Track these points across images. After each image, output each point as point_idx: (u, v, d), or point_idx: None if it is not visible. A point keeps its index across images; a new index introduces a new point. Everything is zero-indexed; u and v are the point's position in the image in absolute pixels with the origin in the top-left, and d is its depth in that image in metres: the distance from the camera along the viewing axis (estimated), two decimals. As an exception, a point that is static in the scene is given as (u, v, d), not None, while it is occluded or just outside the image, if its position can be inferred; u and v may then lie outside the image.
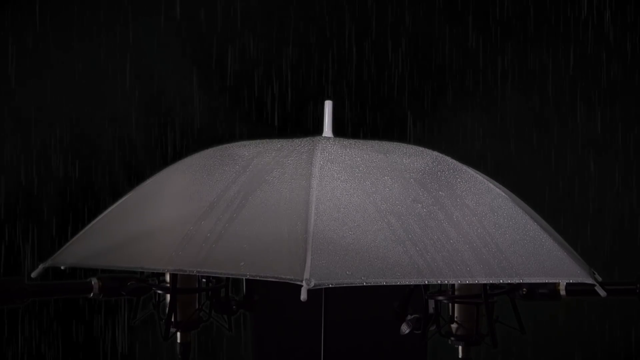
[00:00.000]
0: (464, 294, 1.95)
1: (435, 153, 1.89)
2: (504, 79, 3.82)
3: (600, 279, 1.88)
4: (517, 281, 1.80)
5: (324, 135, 1.95)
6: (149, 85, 3.82)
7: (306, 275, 1.50)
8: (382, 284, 1.57)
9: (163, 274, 2.04)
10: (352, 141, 1.89)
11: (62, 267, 1.91)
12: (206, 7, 3.85)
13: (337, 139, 1.89)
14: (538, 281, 1.94)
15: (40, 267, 1.92)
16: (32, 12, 3.76)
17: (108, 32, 3.80)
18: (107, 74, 3.80)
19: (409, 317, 1.96)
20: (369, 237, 1.62)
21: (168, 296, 2.01)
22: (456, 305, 1.96)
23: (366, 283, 1.55)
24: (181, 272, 1.84)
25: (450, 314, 1.97)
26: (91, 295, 1.96)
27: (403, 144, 1.93)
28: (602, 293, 1.78)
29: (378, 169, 1.77)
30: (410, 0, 3.86)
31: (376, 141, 1.94)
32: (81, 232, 1.93)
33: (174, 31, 3.83)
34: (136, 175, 3.70)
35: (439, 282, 1.75)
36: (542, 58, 3.81)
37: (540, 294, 2.02)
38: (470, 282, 1.88)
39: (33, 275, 1.92)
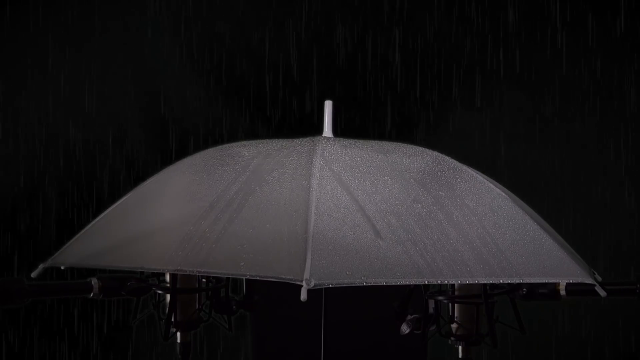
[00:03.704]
0: (464, 294, 1.95)
1: (435, 153, 1.89)
2: (504, 79, 3.82)
3: (600, 279, 1.88)
4: (517, 281, 1.81)
5: (324, 135, 1.95)
6: (149, 85, 3.82)
7: (306, 275, 1.50)
8: (382, 284, 1.57)
9: (163, 274, 2.04)
10: (352, 141, 1.89)
11: (62, 267, 1.91)
12: (207, 7, 3.85)
13: (337, 139, 1.89)
14: (538, 281, 1.94)
15: (40, 267, 1.92)
16: (32, 11, 3.76)
17: (108, 31, 3.80)
18: (107, 73, 3.79)
19: (409, 317, 1.96)
20: (369, 237, 1.62)
21: (168, 296, 2.01)
22: (456, 305, 1.96)
23: (366, 283, 1.56)
24: (181, 272, 1.84)
25: (450, 314, 1.97)
26: (91, 295, 1.95)
27: (403, 144, 1.93)
28: (602, 293, 1.78)
29: (378, 169, 1.77)
30: None
31: (376, 141, 1.94)
32: (81, 232, 1.93)
33: (175, 30, 3.83)
34: (136, 175, 3.70)
35: (439, 282, 1.75)
36: (543, 57, 3.81)
37: (540, 294, 2.02)
38: (470, 282, 1.88)
39: (33, 275, 1.92)
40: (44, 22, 3.77)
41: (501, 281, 1.79)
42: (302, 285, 1.49)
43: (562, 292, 2.01)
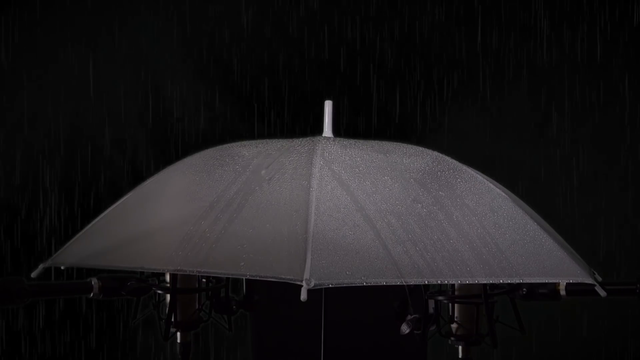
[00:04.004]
0: (464, 294, 1.95)
1: (435, 153, 1.89)
2: (505, 78, 3.82)
3: (600, 279, 1.88)
4: (517, 281, 1.81)
5: (324, 135, 1.95)
6: (149, 85, 3.82)
7: (306, 275, 1.50)
8: (382, 284, 1.57)
9: (163, 274, 2.04)
10: (352, 141, 1.89)
11: (62, 267, 1.91)
12: (208, 7, 3.85)
13: (337, 139, 1.89)
14: (538, 281, 1.94)
15: (41, 267, 1.92)
16: (33, 12, 3.76)
17: (109, 32, 3.80)
18: (107, 74, 3.80)
19: (409, 317, 1.96)
20: (369, 237, 1.62)
21: (168, 296, 2.01)
22: (456, 305, 1.96)
23: (366, 283, 1.56)
24: (181, 272, 1.84)
25: (450, 314, 1.97)
26: (91, 295, 1.96)
27: (403, 144, 1.93)
28: (602, 293, 1.78)
29: (378, 169, 1.77)
30: None
31: (376, 141, 1.94)
32: (81, 232, 1.93)
33: (175, 31, 3.83)
34: (137, 175, 3.70)
35: (439, 282, 1.75)
36: (544, 56, 3.81)
37: (540, 294, 2.02)
38: (470, 282, 1.88)
39: (33, 275, 1.92)
40: (45, 22, 3.76)
41: (501, 281, 1.79)
42: (302, 285, 1.49)
43: (562, 292, 2.01)
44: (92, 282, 1.95)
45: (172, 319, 2.01)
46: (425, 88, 3.85)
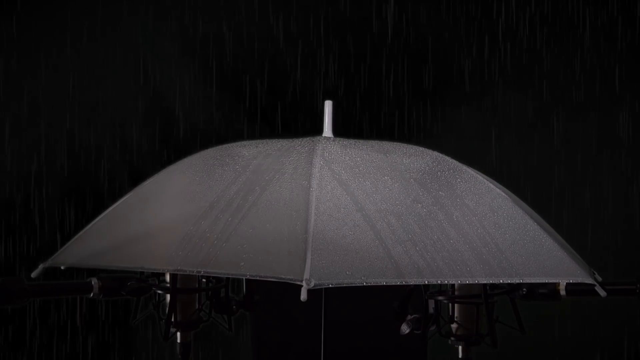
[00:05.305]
0: (464, 294, 1.95)
1: (436, 153, 1.89)
2: (505, 78, 3.82)
3: (600, 279, 1.88)
4: (517, 281, 1.81)
5: (324, 135, 1.95)
6: (149, 85, 3.82)
7: (306, 275, 1.50)
8: (382, 284, 1.57)
9: (163, 274, 2.04)
10: (352, 141, 1.89)
11: (62, 267, 1.91)
12: (207, 6, 3.85)
13: (337, 139, 1.89)
14: (538, 281, 1.94)
15: (41, 267, 1.92)
16: (32, 12, 3.76)
17: (108, 32, 3.80)
18: (106, 74, 3.79)
19: (409, 317, 1.97)
20: (369, 237, 1.62)
21: (168, 296, 2.01)
22: (456, 305, 1.96)
23: (366, 283, 1.56)
24: (181, 272, 1.84)
25: (450, 314, 1.97)
26: (91, 295, 1.96)
27: (403, 144, 1.93)
28: (602, 293, 1.78)
29: (378, 169, 1.78)
30: None
31: (376, 141, 1.94)
32: (81, 232, 1.93)
33: (175, 31, 3.83)
34: (136, 176, 3.70)
35: (439, 282, 1.75)
36: (544, 56, 3.81)
37: (540, 294, 2.02)
38: (470, 282, 1.88)
39: (33, 275, 1.92)
40: (43, 22, 3.76)
41: (501, 281, 1.79)
42: (302, 285, 1.49)
43: (562, 292, 2.01)
44: (92, 282, 1.95)
45: (172, 319, 2.01)
46: (425, 88, 3.85)
